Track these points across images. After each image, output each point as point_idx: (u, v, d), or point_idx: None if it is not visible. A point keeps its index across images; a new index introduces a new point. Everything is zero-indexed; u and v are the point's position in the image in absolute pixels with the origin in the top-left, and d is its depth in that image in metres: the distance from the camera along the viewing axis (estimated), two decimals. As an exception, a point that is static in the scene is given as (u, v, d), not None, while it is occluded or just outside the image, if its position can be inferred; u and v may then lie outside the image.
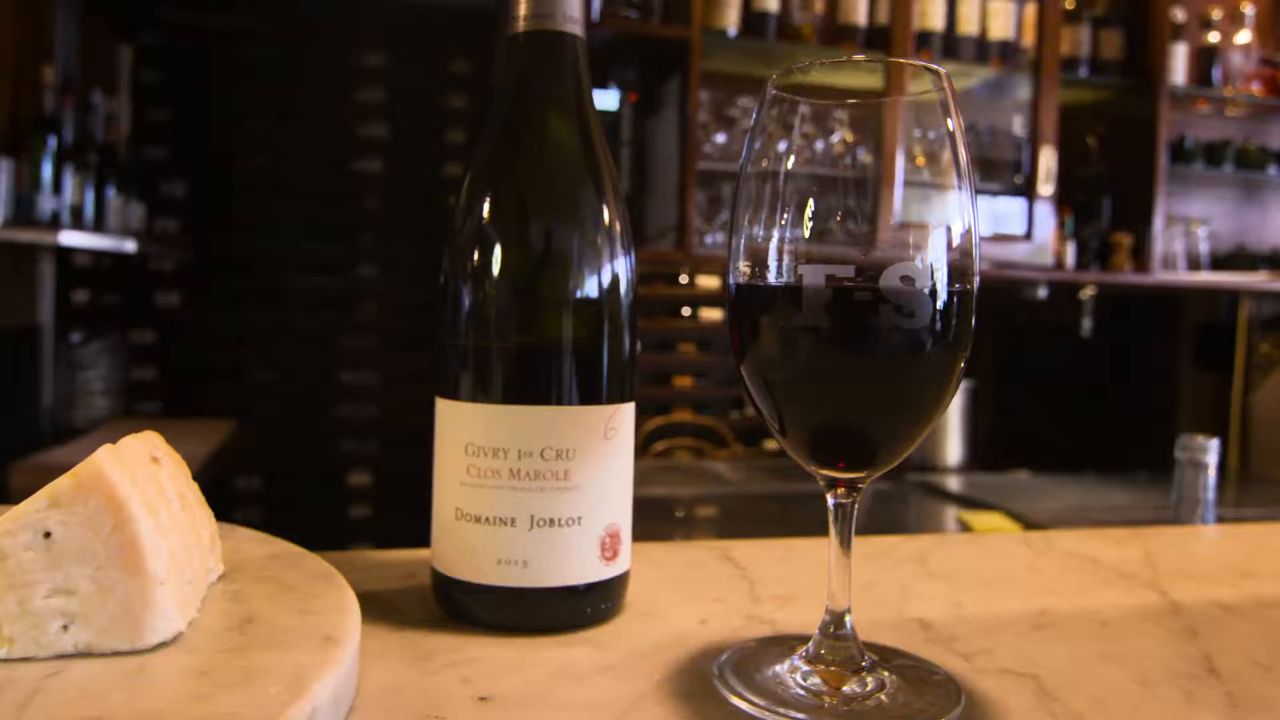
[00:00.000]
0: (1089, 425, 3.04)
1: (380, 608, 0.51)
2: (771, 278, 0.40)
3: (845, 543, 0.43)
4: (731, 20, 2.29)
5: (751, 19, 2.32)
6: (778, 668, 0.44)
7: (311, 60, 3.52)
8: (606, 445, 0.49)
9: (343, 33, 3.54)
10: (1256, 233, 3.06)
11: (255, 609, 0.42)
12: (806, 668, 0.43)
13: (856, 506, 0.43)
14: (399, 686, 0.41)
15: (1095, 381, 3.06)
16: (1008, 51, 2.51)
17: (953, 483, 2.64)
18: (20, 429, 2.43)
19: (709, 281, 2.93)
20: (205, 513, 0.46)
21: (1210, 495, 0.95)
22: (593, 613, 0.50)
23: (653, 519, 2.01)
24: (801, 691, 0.41)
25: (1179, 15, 2.68)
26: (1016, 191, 2.55)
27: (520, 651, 0.46)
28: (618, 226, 0.51)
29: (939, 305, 0.38)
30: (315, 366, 3.58)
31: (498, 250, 0.49)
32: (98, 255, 3.15)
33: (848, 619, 0.43)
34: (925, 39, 2.42)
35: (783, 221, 0.41)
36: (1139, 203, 2.65)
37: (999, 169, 2.57)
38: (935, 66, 0.41)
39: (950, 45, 2.45)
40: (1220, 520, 0.98)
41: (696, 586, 0.58)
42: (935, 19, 2.42)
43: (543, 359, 0.48)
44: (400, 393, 3.64)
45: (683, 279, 2.63)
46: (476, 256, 0.49)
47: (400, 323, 3.65)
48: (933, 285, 0.38)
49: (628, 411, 0.50)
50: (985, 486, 2.56)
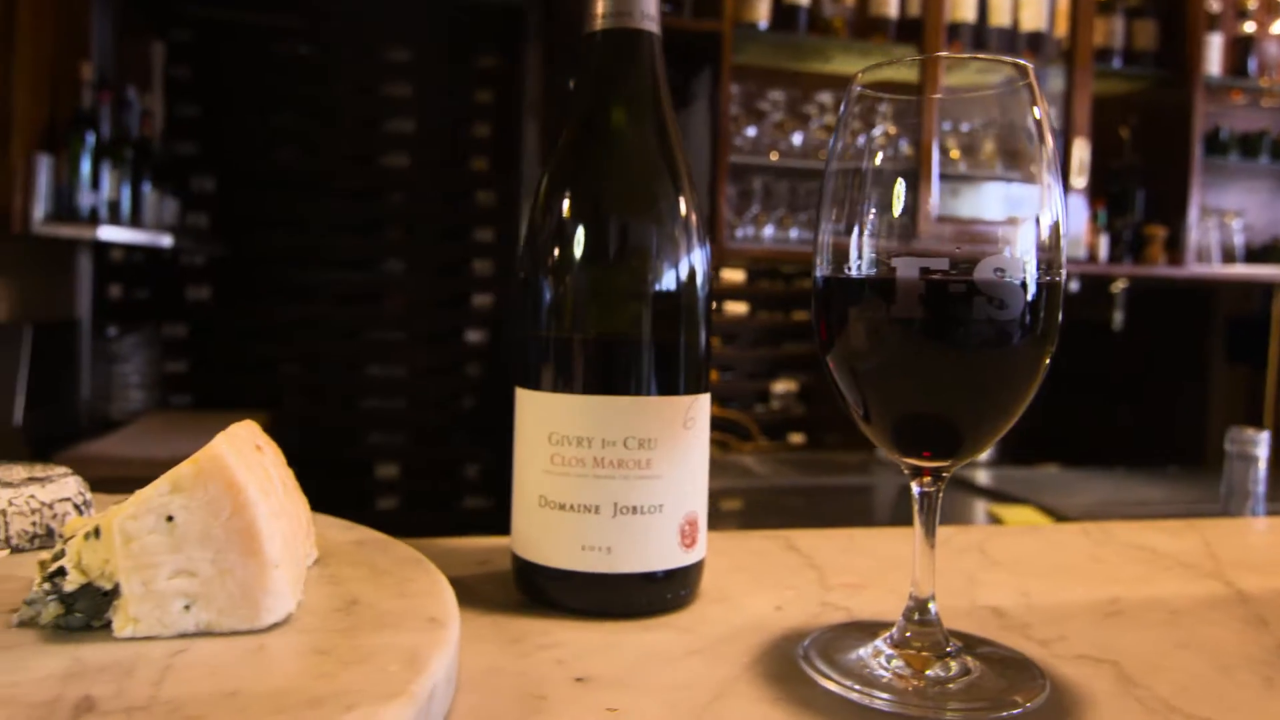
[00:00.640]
0: (1120, 419, 3.02)
1: (463, 592, 0.52)
2: (862, 271, 0.41)
3: (929, 531, 0.44)
4: (762, 13, 2.29)
5: (782, 12, 2.32)
6: (861, 651, 0.45)
7: (339, 56, 3.55)
8: (686, 435, 0.50)
9: (369, 28, 3.56)
10: (1292, 225, 3.03)
11: (355, 592, 0.44)
12: (890, 651, 0.44)
13: (940, 495, 0.44)
14: (497, 668, 0.43)
15: (1126, 375, 3.04)
16: (1040, 42, 2.49)
17: (982, 476, 2.63)
18: (59, 421, 2.47)
19: (734, 275, 2.93)
20: (301, 499, 0.48)
21: (1261, 488, 0.94)
22: (672, 598, 0.51)
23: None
24: (887, 674, 0.42)
25: (1214, 5, 2.66)
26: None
27: (607, 635, 0.47)
28: (694, 220, 0.52)
29: (1030, 298, 0.39)
30: (343, 360, 3.61)
31: (582, 246, 0.50)
32: (129, 250, 3.19)
33: (932, 605, 0.44)
34: (957, 30, 2.41)
35: (870, 216, 0.41)
36: (1173, 195, 2.63)
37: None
38: (1020, 60, 0.42)
39: (982, 37, 2.44)
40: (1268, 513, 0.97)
41: (766, 574, 0.59)
42: (967, 10, 2.40)
43: (625, 351, 0.49)
44: (427, 386, 3.67)
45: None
46: (560, 252, 0.50)
47: (426, 317, 3.68)
48: (1024, 278, 0.39)
49: (704, 402, 0.52)
50: (1015, 480, 2.55)
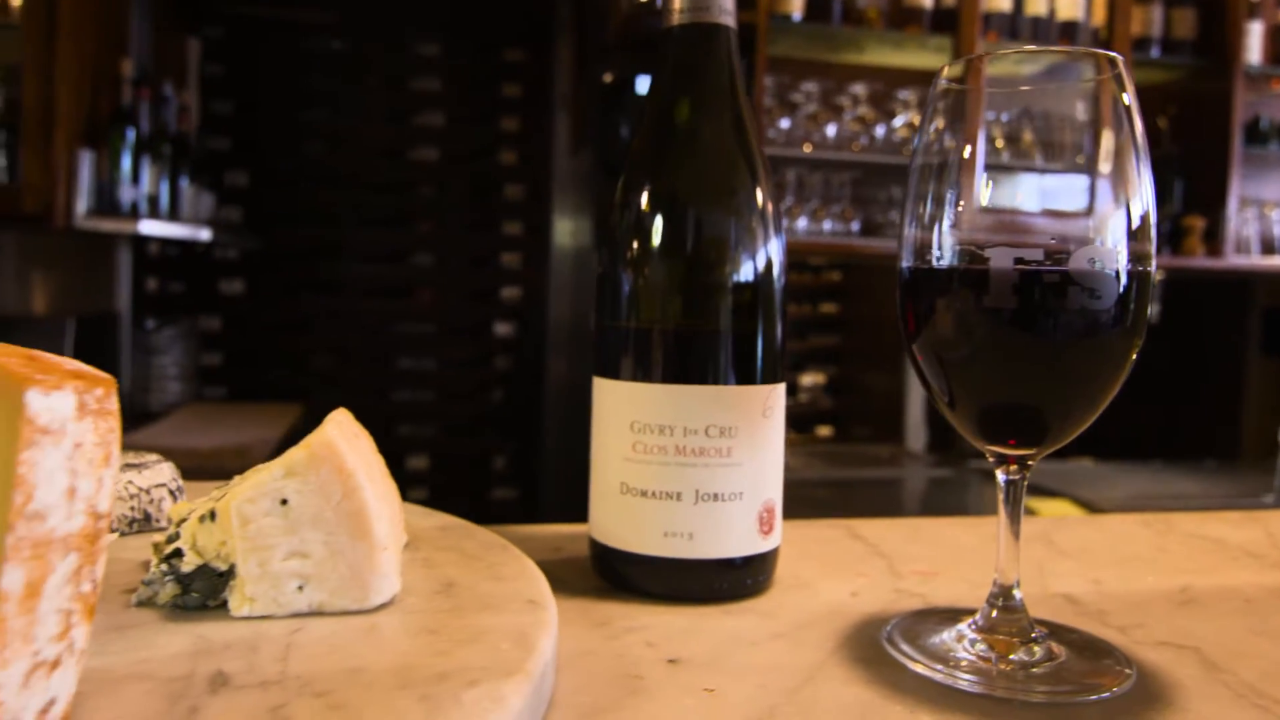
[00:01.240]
0: (1154, 412, 3.00)
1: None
2: (953, 262, 0.41)
3: (1014, 519, 0.44)
4: (796, 5, 2.29)
5: (816, 3, 2.31)
6: (944, 636, 0.45)
7: (368, 51, 3.58)
8: (764, 423, 0.51)
9: (398, 23, 3.58)
10: (1332, 215, 2.98)
11: (450, 575, 0.45)
12: (974, 635, 0.44)
13: (1025, 483, 0.44)
14: (590, 650, 0.44)
15: (1162, 367, 3.01)
16: (1075, 32, 2.47)
17: (1015, 469, 2.61)
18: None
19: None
20: (393, 485, 0.49)
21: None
22: (751, 584, 0.52)
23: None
24: (972, 658, 0.43)
25: (1254, -8, 2.62)
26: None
27: (690, 619, 0.48)
28: (771, 211, 0.53)
29: (1122, 288, 0.40)
30: (373, 352, 3.65)
31: (663, 238, 0.51)
32: (163, 244, 3.24)
33: (1016, 592, 0.44)
34: (992, 20, 2.39)
35: (959, 208, 0.42)
36: (1212, 185, 2.60)
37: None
38: (1111, 53, 0.42)
39: (1017, 26, 2.42)
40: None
41: (835, 562, 0.59)
42: (1003, 0, 2.38)
43: (706, 341, 0.50)
44: (456, 378, 3.70)
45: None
46: (641, 244, 0.51)
47: (455, 309, 3.71)
48: (1117, 268, 0.39)
49: (781, 392, 0.52)
50: (1049, 473, 2.53)
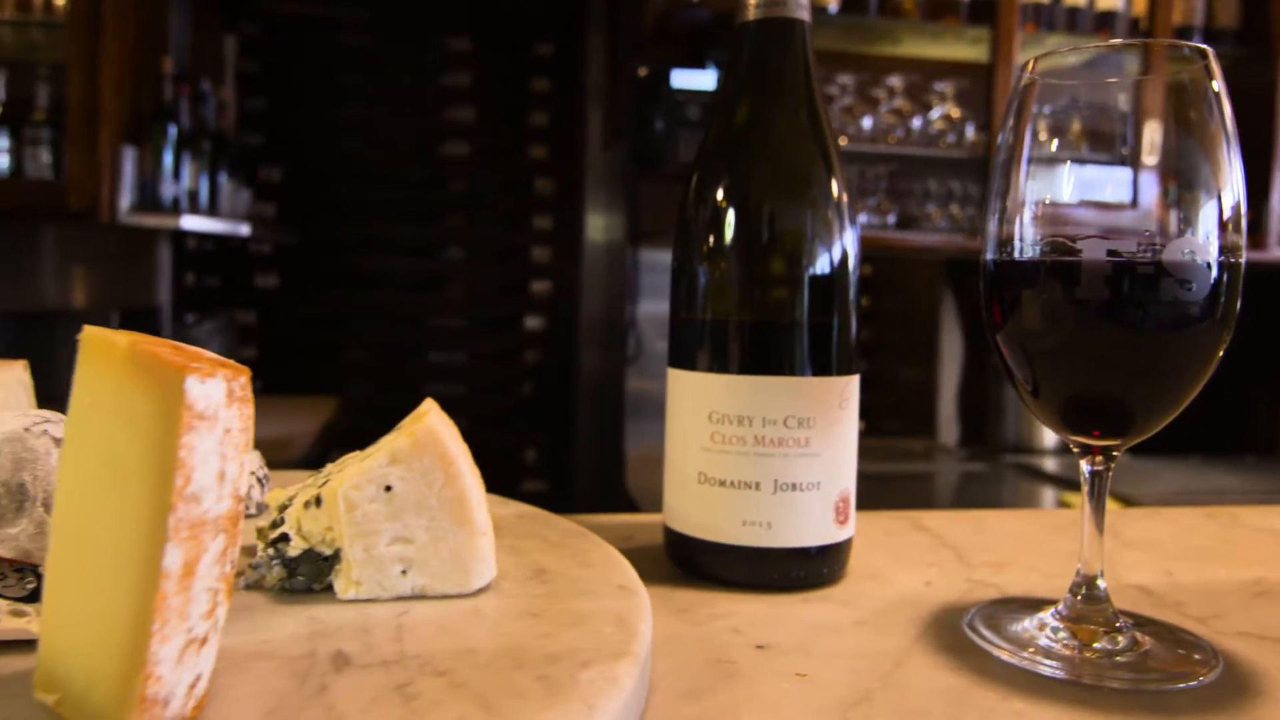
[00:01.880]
0: (1194, 405, 2.96)
1: (621, 565, 0.54)
2: (1041, 254, 0.42)
3: (1098, 509, 0.45)
4: (832, -3, 2.27)
5: (852, -5, 2.30)
6: (1026, 624, 0.46)
7: (399, 46, 3.60)
8: (840, 414, 0.52)
9: (429, 18, 3.60)
10: (1376, 206, 2.93)
11: (540, 561, 0.46)
12: (1056, 624, 0.45)
13: (1110, 474, 0.45)
14: (678, 635, 0.45)
15: (1199, 361, 2.97)
16: (1114, 21, 2.44)
17: (1050, 464, 2.60)
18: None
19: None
20: (479, 474, 0.50)
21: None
22: (827, 573, 0.52)
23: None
24: (1055, 645, 0.44)
25: (1299, -21, 2.57)
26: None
27: (771, 607, 0.49)
28: (845, 203, 0.53)
29: (1214, 280, 0.40)
30: (405, 346, 3.68)
31: (740, 230, 0.51)
32: (200, 238, 3.28)
33: (1100, 582, 0.45)
34: (1029, 11, 2.37)
35: (1047, 200, 0.42)
36: (1255, 176, 2.56)
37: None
38: (1200, 45, 0.42)
39: (1055, 16, 2.39)
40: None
41: (903, 552, 0.60)
42: (1041, -10, 2.36)
43: (784, 333, 0.51)
44: (487, 371, 3.73)
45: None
46: (718, 237, 0.52)
47: (486, 303, 3.73)
48: (1210, 259, 0.40)
49: (855, 383, 0.53)
50: (1085, 468, 2.51)
